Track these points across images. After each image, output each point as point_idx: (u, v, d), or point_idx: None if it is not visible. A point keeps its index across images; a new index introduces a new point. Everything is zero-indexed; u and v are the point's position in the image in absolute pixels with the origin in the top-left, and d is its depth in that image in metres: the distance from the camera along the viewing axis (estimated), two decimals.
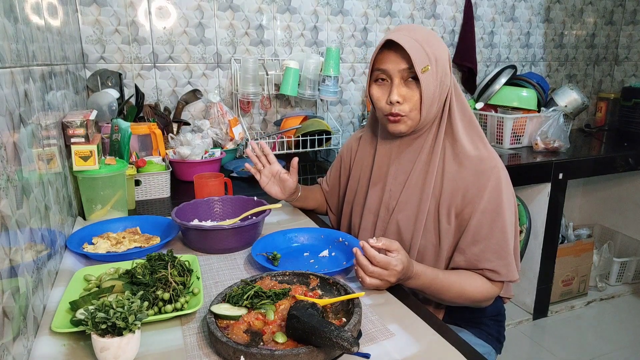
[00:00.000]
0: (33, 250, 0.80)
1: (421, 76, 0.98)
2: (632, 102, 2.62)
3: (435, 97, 1.03)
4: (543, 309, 2.40)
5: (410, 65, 0.99)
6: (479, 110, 2.44)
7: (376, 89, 1.07)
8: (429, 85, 1.00)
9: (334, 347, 0.65)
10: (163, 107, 2.02)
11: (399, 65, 1.01)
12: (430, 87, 1.00)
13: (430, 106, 1.03)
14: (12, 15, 0.82)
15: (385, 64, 1.03)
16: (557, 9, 2.84)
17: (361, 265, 0.89)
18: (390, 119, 1.05)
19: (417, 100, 1.02)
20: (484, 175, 1.01)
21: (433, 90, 1.01)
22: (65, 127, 1.19)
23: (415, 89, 1.02)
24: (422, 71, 0.99)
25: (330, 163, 2.05)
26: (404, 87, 1.02)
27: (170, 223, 1.20)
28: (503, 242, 1.01)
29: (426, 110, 1.02)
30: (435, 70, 1.01)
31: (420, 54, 0.98)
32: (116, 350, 0.67)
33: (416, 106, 1.03)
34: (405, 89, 1.02)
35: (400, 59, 1.00)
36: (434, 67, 1.00)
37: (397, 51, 1.00)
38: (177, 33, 2.01)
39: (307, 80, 2.06)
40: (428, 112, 1.03)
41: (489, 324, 1.18)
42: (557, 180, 2.16)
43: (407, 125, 1.05)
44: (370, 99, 1.09)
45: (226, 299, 0.80)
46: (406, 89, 1.02)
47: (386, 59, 1.02)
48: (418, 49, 0.99)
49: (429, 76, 1.00)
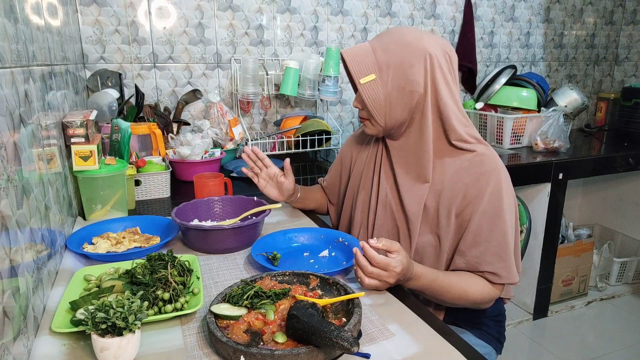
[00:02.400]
0: (33, 250, 0.80)
1: (360, 86, 1.02)
2: (632, 102, 2.62)
3: (391, 104, 1.03)
4: (543, 309, 2.40)
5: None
6: (479, 110, 2.44)
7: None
8: (373, 94, 1.02)
9: (334, 347, 0.65)
10: (163, 107, 2.02)
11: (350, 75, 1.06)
12: (375, 96, 1.02)
13: (387, 113, 1.04)
14: (12, 15, 0.82)
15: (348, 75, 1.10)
16: (557, 9, 2.84)
17: (360, 265, 0.89)
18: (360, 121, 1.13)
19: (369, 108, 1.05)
20: (484, 177, 1.01)
21: (383, 97, 1.02)
22: (65, 127, 1.19)
23: None
24: (362, 81, 1.02)
25: (330, 163, 2.05)
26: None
27: (170, 223, 1.20)
28: (503, 244, 1.00)
29: (379, 116, 1.05)
30: (387, 78, 1.01)
31: (363, 64, 1.02)
32: (116, 350, 0.67)
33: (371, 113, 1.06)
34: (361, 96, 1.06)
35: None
36: (385, 75, 1.01)
37: None
38: (177, 33, 2.01)
39: (307, 80, 2.06)
40: (388, 118, 1.05)
41: (489, 324, 1.18)
42: (557, 180, 2.16)
43: (373, 129, 1.10)
44: None
45: (226, 299, 0.80)
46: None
47: None
48: (365, 58, 1.02)
49: (374, 85, 1.02)
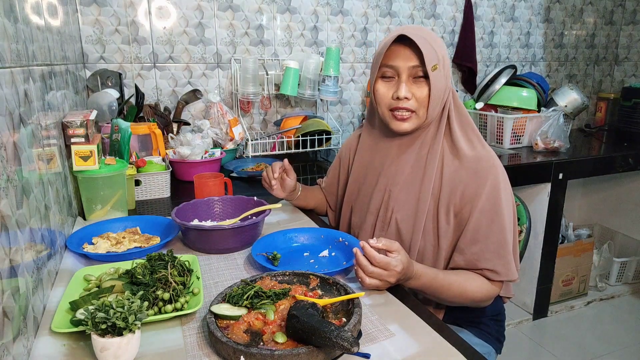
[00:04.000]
0: (33, 250, 0.80)
1: (431, 74, 0.99)
2: (632, 102, 2.61)
3: (440, 97, 1.03)
4: (543, 309, 2.40)
5: (421, 62, 0.99)
6: (479, 110, 2.44)
7: (382, 85, 1.06)
8: (437, 84, 1.00)
9: (334, 347, 0.65)
10: (163, 107, 2.02)
11: (408, 61, 1.00)
12: (438, 86, 1.01)
13: (436, 105, 1.03)
14: (12, 15, 0.82)
15: (395, 60, 1.02)
16: (557, 9, 2.84)
17: (361, 265, 0.89)
18: (397, 115, 1.04)
19: (424, 98, 1.02)
20: (482, 175, 1.02)
21: (440, 88, 1.02)
22: (65, 127, 1.19)
23: (423, 86, 1.02)
24: (432, 69, 0.98)
25: (330, 163, 2.04)
26: (413, 84, 1.03)
27: (170, 223, 1.20)
28: (502, 241, 1.01)
29: (432, 108, 1.03)
30: (443, 70, 1.01)
31: (430, 52, 0.99)
32: (116, 350, 0.67)
33: (422, 104, 1.03)
34: (413, 86, 1.02)
35: (410, 56, 1.00)
36: (442, 67, 1.01)
37: (407, 48, 1.00)
38: (177, 33, 2.01)
39: (307, 80, 2.06)
40: (433, 111, 1.04)
41: (489, 323, 1.18)
42: (557, 180, 2.15)
43: (411, 123, 1.05)
44: (374, 95, 1.08)
45: (226, 299, 0.80)
46: (414, 86, 1.02)
47: (395, 54, 1.02)
48: (429, 47, 0.99)
49: (438, 75, 1.00)
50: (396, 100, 1.03)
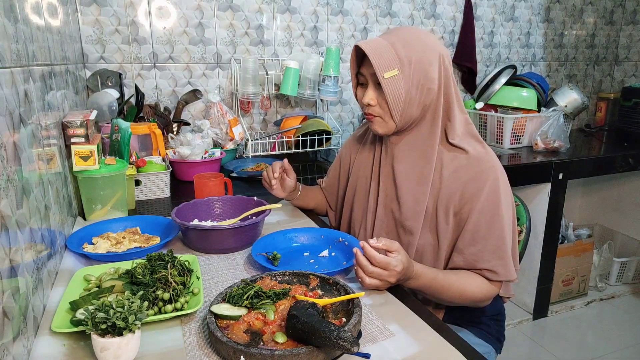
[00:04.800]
0: (33, 250, 0.80)
1: (383, 81, 1.00)
2: (632, 102, 2.62)
3: (409, 101, 1.02)
4: (543, 309, 2.40)
5: None
6: (479, 110, 2.44)
7: (359, 91, 1.11)
8: (395, 89, 1.00)
9: (334, 347, 0.65)
10: (163, 107, 2.02)
11: (369, 69, 1.03)
12: (397, 91, 1.00)
13: (404, 109, 1.02)
14: (12, 15, 0.82)
15: (362, 68, 1.07)
16: (557, 9, 2.84)
17: (361, 265, 0.89)
18: (369, 119, 1.09)
19: (385, 104, 1.04)
20: (481, 175, 1.02)
21: (404, 93, 1.00)
22: (65, 127, 1.19)
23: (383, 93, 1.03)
24: (386, 76, 0.99)
25: (330, 163, 2.05)
26: (376, 90, 1.05)
27: (170, 223, 1.20)
28: (501, 241, 1.01)
29: (397, 113, 1.03)
30: (409, 74, 1.00)
31: (385, 59, 0.99)
32: (116, 350, 0.67)
33: (386, 109, 1.04)
34: (377, 92, 1.05)
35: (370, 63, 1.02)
36: (407, 71, 1.00)
37: None
38: (177, 33, 2.01)
39: (307, 80, 2.06)
40: (403, 115, 1.03)
41: (489, 323, 1.18)
42: (557, 180, 2.15)
43: (383, 127, 1.07)
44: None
45: (226, 299, 0.80)
46: (378, 92, 1.05)
47: (363, 62, 1.06)
48: (386, 53, 0.99)
49: (396, 80, 1.00)
50: (366, 106, 1.08)
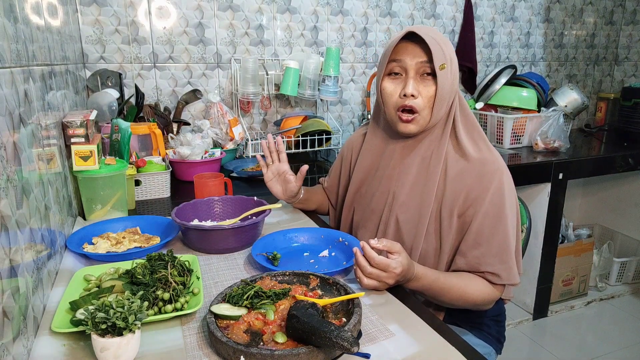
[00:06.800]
0: (33, 250, 0.80)
1: (439, 72, 0.98)
2: (632, 102, 2.61)
3: (446, 97, 1.02)
4: (543, 309, 2.40)
5: (429, 59, 0.99)
6: (479, 110, 2.44)
7: (389, 83, 1.05)
8: (444, 83, 0.99)
9: (334, 347, 0.65)
10: (163, 107, 2.02)
11: (417, 57, 0.99)
12: (445, 86, 1.00)
13: (442, 105, 1.02)
14: (12, 15, 0.82)
15: (403, 55, 1.01)
16: (557, 9, 2.84)
17: (360, 265, 0.89)
18: (403, 117, 1.03)
19: (431, 97, 1.01)
20: (486, 178, 1.01)
21: (447, 89, 1.01)
22: (65, 127, 1.19)
23: (430, 85, 1.01)
24: (440, 68, 0.98)
25: (330, 163, 2.05)
26: (420, 82, 1.01)
27: (170, 223, 1.20)
28: (504, 245, 1.00)
29: (438, 108, 1.02)
30: (450, 70, 1.00)
31: (439, 51, 0.98)
32: (116, 350, 0.67)
33: (429, 103, 1.02)
34: (420, 84, 1.01)
35: (418, 52, 0.99)
36: (450, 67, 1.00)
37: (416, 45, 1.00)
38: (177, 33, 2.01)
39: (307, 80, 2.06)
40: (439, 111, 1.03)
41: (489, 324, 1.18)
42: (557, 180, 2.15)
43: (417, 125, 1.04)
44: (380, 94, 1.07)
45: (226, 299, 0.80)
46: (421, 84, 1.01)
47: (403, 50, 1.01)
48: (437, 46, 0.98)
49: (446, 74, 0.99)
50: (403, 98, 1.02)
